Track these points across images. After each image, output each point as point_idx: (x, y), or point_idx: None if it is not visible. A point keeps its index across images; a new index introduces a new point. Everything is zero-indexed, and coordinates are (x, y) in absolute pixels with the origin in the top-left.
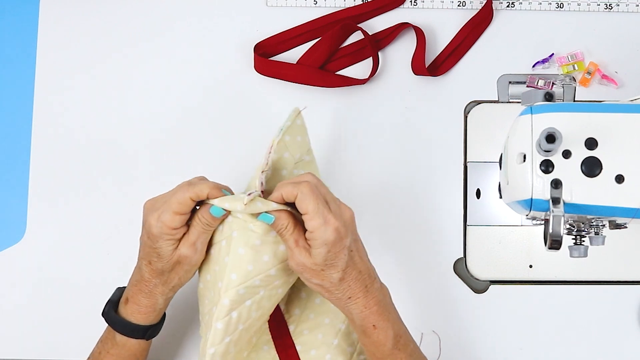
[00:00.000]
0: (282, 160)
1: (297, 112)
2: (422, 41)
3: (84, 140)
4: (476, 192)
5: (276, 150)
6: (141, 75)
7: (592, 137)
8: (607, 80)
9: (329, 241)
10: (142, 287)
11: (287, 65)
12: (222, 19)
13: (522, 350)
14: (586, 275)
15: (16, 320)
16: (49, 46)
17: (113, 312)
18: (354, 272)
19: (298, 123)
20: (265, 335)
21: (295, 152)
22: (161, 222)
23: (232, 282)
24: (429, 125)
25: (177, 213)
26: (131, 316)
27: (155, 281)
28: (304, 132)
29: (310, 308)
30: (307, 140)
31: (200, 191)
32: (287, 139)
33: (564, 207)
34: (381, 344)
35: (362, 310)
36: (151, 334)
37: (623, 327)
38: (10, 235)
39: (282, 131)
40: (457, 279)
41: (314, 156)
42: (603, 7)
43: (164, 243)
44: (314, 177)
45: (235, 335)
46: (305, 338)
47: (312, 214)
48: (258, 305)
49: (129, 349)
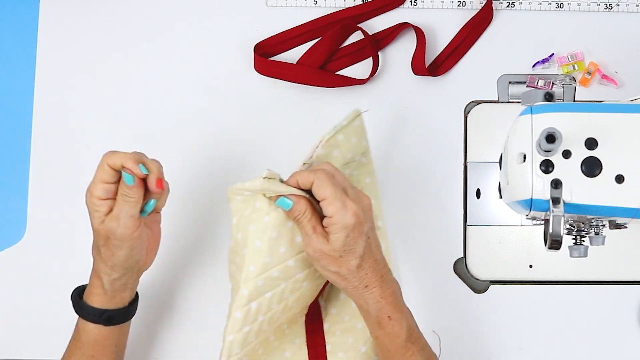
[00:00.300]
0: (329, 157)
1: (357, 113)
2: (422, 41)
3: (84, 140)
4: (476, 192)
5: (325, 146)
6: (141, 75)
7: (592, 137)
8: (607, 80)
9: (348, 225)
10: (94, 268)
11: (287, 65)
12: (222, 19)
13: (522, 350)
14: (586, 275)
15: (16, 320)
16: (49, 46)
17: (76, 295)
18: (371, 260)
19: (356, 124)
20: (299, 328)
21: (346, 153)
22: (89, 192)
23: (250, 274)
24: (429, 125)
25: (99, 181)
26: (88, 298)
27: (96, 258)
28: (360, 135)
29: (347, 310)
30: (363, 144)
31: (115, 159)
32: (340, 137)
33: (564, 207)
34: (395, 336)
35: (378, 300)
36: (108, 320)
37: (623, 327)
38: (10, 235)
39: (336, 129)
40: (457, 279)
41: (372, 159)
42: (603, 7)
43: (93, 215)
44: (331, 166)
45: (255, 325)
46: (337, 339)
47: (331, 199)
48: (280, 298)
49: (88, 333)
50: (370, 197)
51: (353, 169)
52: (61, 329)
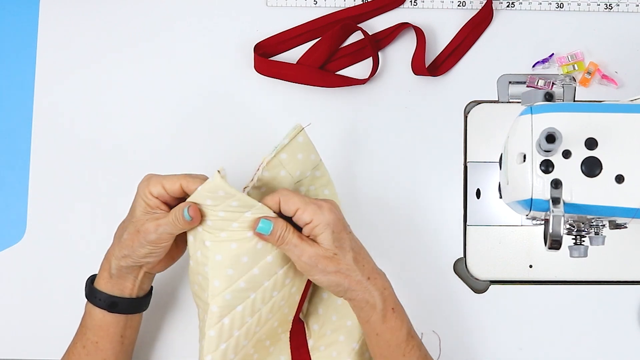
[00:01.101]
0: (278, 178)
1: (298, 129)
2: (422, 41)
3: (84, 140)
4: (476, 192)
5: (268, 168)
6: (141, 75)
7: (592, 137)
8: (607, 80)
9: (330, 221)
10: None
11: (287, 65)
12: (222, 19)
13: (522, 350)
14: (586, 275)
15: (16, 320)
16: (49, 46)
17: (89, 280)
18: (363, 252)
19: (300, 140)
20: (284, 346)
21: (294, 171)
22: (147, 183)
23: (216, 289)
24: (429, 125)
25: (162, 186)
26: (95, 281)
27: (115, 239)
28: (307, 150)
29: (327, 324)
30: (312, 158)
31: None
32: (284, 157)
33: (564, 207)
34: (398, 329)
35: (382, 291)
36: (112, 306)
37: (623, 327)
38: (10, 235)
39: (276, 149)
40: (457, 279)
41: (326, 169)
42: (603, 7)
43: (139, 203)
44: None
45: (232, 341)
46: (321, 354)
47: (303, 206)
48: (252, 310)
49: (93, 317)
50: None
51: (308, 185)
52: (61, 329)
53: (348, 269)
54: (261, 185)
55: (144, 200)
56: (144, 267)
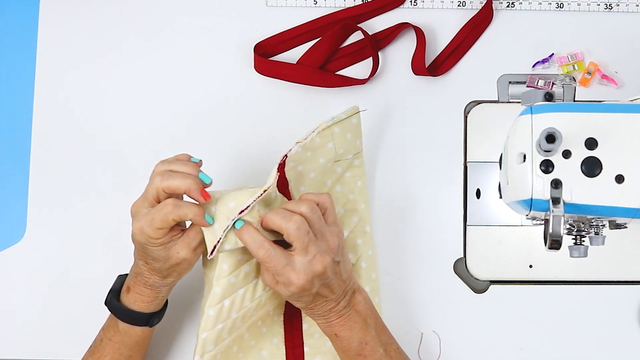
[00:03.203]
0: (324, 149)
1: (355, 109)
2: (422, 41)
3: (84, 139)
4: (476, 192)
5: (320, 135)
6: (141, 76)
7: (592, 137)
8: (607, 80)
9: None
10: (143, 280)
11: (287, 65)
12: (222, 19)
13: (522, 350)
14: (586, 275)
15: (16, 320)
16: (49, 46)
17: (115, 301)
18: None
19: (353, 121)
20: (277, 328)
21: (339, 147)
22: (145, 233)
23: (223, 272)
24: (429, 125)
25: (159, 229)
26: (134, 304)
27: (154, 277)
28: (356, 133)
29: None
30: (357, 144)
31: (184, 215)
32: (337, 130)
33: (564, 207)
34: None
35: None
36: (154, 321)
37: (623, 327)
38: (10, 235)
39: (333, 120)
40: (457, 279)
41: (364, 162)
42: (603, 7)
43: (153, 249)
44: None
45: (228, 322)
46: (315, 342)
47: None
48: (252, 295)
49: (132, 336)
50: (360, 202)
51: (345, 170)
52: (61, 329)
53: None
54: (307, 150)
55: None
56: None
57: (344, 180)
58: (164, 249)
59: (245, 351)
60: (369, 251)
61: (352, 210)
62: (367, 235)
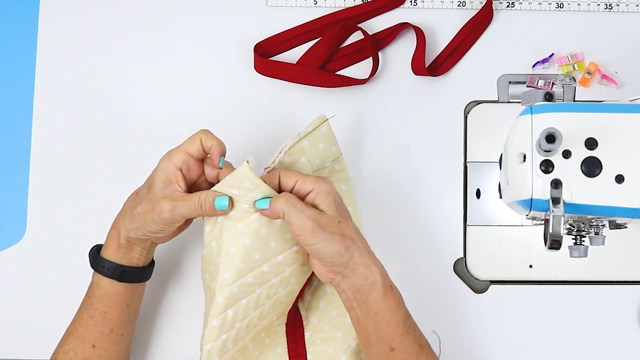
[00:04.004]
0: (297, 164)
1: (322, 119)
2: (422, 41)
3: (84, 140)
4: (476, 192)
5: (290, 153)
6: (141, 75)
7: (592, 137)
8: (607, 80)
9: (331, 190)
10: (115, 218)
11: (287, 65)
12: (222, 19)
13: (522, 350)
14: (586, 275)
15: (16, 320)
16: (49, 46)
17: (94, 250)
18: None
19: (323, 131)
20: (280, 338)
21: (313, 159)
22: (168, 155)
23: (225, 281)
24: (429, 125)
25: (184, 151)
26: (103, 251)
27: (126, 210)
28: (329, 141)
29: (326, 319)
30: (333, 150)
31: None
32: (305, 144)
33: (564, 207)
34: (397, 307)
35: (381, 268)
36: (121, 275)
37: (623, 327)
38: (10, 235)
39: (299, 136)
40: (457, 279)
41: (346, 165)
42: (603, 7)
43: (159, 176)
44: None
45: (232, 333)
46: (317, 349)
47: (302, 177)
48: (256, 304)
49: (101, 288)
50: (348, 205)
51: (328, 176)
52: (61, 329)
53: (352, 238)
54: (275, 167)
55: (164, 174)
56: (150, 239)
57: None
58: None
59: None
60: None
61: None
62: None
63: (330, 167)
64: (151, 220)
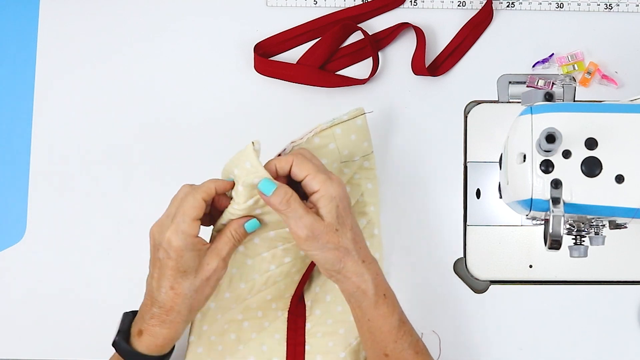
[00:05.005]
0: (325, 150)
1: (360, 111)
2: (422, 41)
3: (84, 140)
4: (476, 192)
5: (320, 136)
6: (141, 75)
7: (592, 137)
8: (607, 80)
9: (337, 194)
10: (163, 318)
11: (287, 65)
12: (222, 19)
13: (522, 350)
14: (586, 275)
15: (16, 320)
16: (49, 46)
17: (124, 343)
18: (360, 234)
19: (358, 123)
20: (280, 324)
21: (343, 148)
22: (182, 232)
23: None
24: (429, 125)
25: (194, 219)
26: (146, 349)
27: (179, 308)
28: (362, 135)
29: (331, 313)
30: (364, 145)
31: (208, 189)
32: (338, 131)
33: (564, 207)
34: (390, 315)
35: (375, 277)
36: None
37: (623, 327)
38: (10, 235)
39: (333, 121)
40: (457, 279)
41: (375, 164)
42: (603, 7)
43: (189, 255)
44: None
45: (221, 303)
46: (317, 341)
47: (314, 173)
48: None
49: None
50: (370, 204)
51: (354, 172)
52: (61, 329)
53: (347, 248)
54: (302, 144)
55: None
56: None
57: (352, 182)
58: (197, 257)
59: (245, 343)
60: (376, 254)
61: (361, 212)
62: (375, 238)
63: (359, 163)
64: (212, 286)
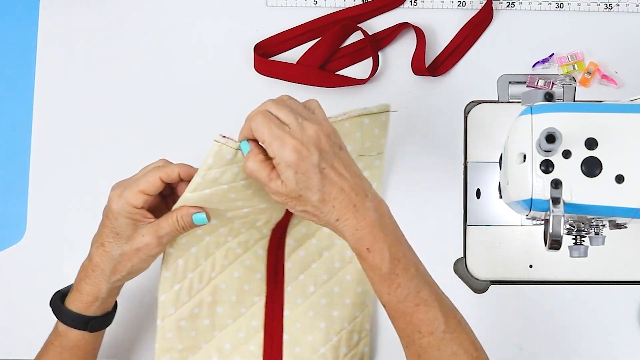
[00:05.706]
0: (352, 136)
1: (386, 107)
2: (422, 41)
3: (84, 139)
4: (476, 192)
5: (351, 121)
6: (141, 75)
7: (592, 137)
8: (607, 80)
9: (291, 162)
10: (88, 273)
11: (287, 65)
12: (222, 19)
13: (522, 350)
14: (586, 275)
15: (16, 320)
16: (49, 46)
17: (58, 301)
18: (334, 191)
19: (382, 119)
20: (257, 310)
21: (366, 140)
22: (123, 197)
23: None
24: (429, 125)
25: (142, 192)
26: (72, 304)
27: (104, 266)
28: (383, 130)
29: (313, 305)
30: (382, 142)
31: (171, 171)
32: (366, 121)
33: (564, 207)
34: (376, 268)
35: (353, 233)
36: (94, 327)
37: (623, 327)
38: (10, 235)
39: (365, 110)
40: (457, 279)
41: (383, 164)
42: (603, 7)
43: (122, 221)
44: (272, 100)
45: (185, 283)
46: (296, 332)
47: (269, 139)
48: (205, 252)
49: (72, 339)
50: None
51: (365, 168)
52: None
53: (315, 210)
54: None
55: (127, 216)
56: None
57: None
58: (132, 225)
59: (221, 329)
60: None
61: None
62: None
63: (372, 160)
64: (140, 260)
